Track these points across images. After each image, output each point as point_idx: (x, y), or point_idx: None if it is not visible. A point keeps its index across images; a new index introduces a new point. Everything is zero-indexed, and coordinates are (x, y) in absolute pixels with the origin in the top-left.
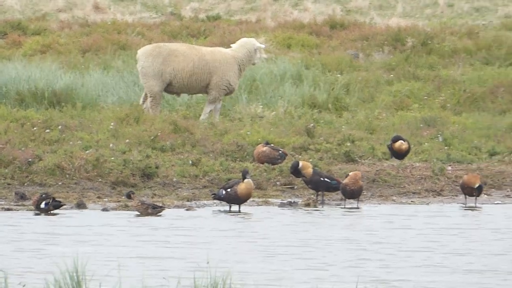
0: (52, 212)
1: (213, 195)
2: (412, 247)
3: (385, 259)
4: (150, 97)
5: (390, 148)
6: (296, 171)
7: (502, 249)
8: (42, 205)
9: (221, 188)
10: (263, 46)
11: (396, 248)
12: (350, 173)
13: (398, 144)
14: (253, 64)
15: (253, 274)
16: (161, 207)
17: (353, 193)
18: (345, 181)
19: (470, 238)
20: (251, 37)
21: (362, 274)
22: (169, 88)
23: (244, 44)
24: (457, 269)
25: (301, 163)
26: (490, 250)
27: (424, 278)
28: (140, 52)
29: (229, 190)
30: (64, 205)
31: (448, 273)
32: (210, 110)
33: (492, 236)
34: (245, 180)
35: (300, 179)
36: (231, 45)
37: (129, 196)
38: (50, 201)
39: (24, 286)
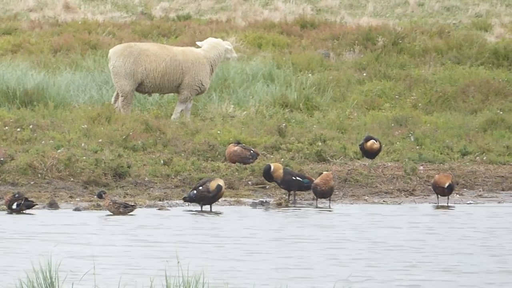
0: (24, 212)
1: (184, 198)
2: (385, 245)
3: (357, 258)
4: (122, 96)
5: (362, 147)
6: (268, 174)
7: (471, 248)
8: (14, 206)
9: (192, 190)
10: (229, 47)
11: (368, 247)
12: (322, 173)
13: (369, 143)
14: (227, 59)
15: (225, 272)
16: (133, 206)
17: (324, 193)
18: (316, 181)
19: (439, 237)
20: (219, 38)
21: (335, 274)
22: (141, 87)
23: (215, 45)
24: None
25: (272, 166)
26: (459, 248)
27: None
28: (112, 51)
29: (200, 188)
30: (36, 205)
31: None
32: (181, 110)
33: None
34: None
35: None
36: (198, 43)
37: (100, 196)
38: (22, 202)
39: None
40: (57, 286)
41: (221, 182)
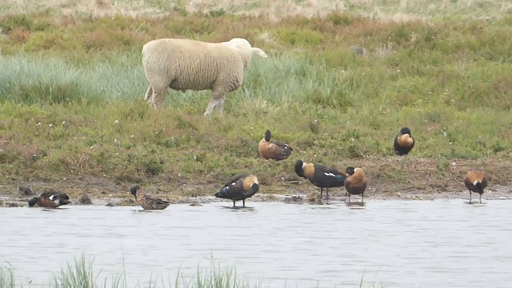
0: (58, 207)
1: (216, 194)
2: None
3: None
4: (155, 92)
5: (396, 142)
6: (299, 170)
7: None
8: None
9: (224, 186)
10: (262, 54)
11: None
12: (355, 169)
13: (404, 137)
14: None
15: (257, 267)
16: (166, 202)
17: (356, 190)
18: (349, 179)
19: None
20: (252, 33)
21: (368, 270)
22: (175, 84)
23: (246, 43)
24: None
25: (304, 164)
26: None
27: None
28: (145, 47)
29: (233, 184)
30: (70, 201)
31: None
32: (215, 106)
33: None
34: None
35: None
36: (223, 43)
37: (134, 192)
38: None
39: (30, 281)
40: (90, 281)
41: (255, 179)
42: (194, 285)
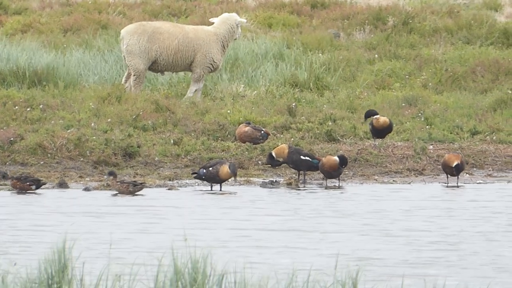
0: (33, 191)
1: (193, 174)
2: (395, 227)
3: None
4: (134, 75)
5: (372, 126)
6: (272, 161)
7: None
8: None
9: (202, 168)
10: (244, 21)
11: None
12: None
13: (382, 120)
14: (234, 39)
15: (232, 252)
16: (142, 183)
17: (332, 175)
18: (323, 162)
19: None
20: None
21: (344, 252)
22: (154, 66)
23: (225, 20)
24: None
25: (273, 152)
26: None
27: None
28: (124, 31)
29: (211, 169)
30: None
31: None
32: (196, 89)
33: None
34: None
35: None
36: (211, 19)
37: (111, 175)
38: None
39: (15, 264)
40: (70, 266)
41: (232, 168)
42: (171, 269)
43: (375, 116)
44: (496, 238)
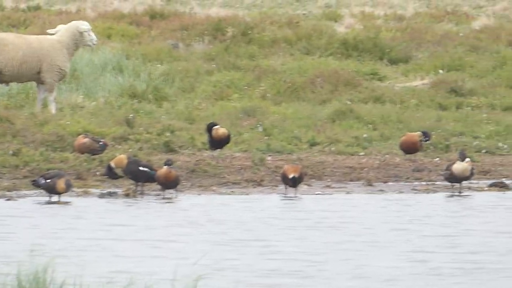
0: None
1: (32, 182)
2: (230, 237)
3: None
4: None
5: (210, 137)
6: (111, 173)
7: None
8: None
9: (41, 177)
10: (85, 28)
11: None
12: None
13: (221, 131)
14: (88, 46)
15: (76, 261)
16: None
17: (168, 185)
18: (159, 174)
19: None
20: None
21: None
22: (0, 77)
23: (68, 27)
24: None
25: (112, 163)
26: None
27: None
28: None
29: (49, 181)
30: None
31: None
32: (54, 98)
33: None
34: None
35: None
36: (48, 31)
37: None
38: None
39: None
40: None
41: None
42: (14, 281)
43: (214, 127)
44: (344, 248)
